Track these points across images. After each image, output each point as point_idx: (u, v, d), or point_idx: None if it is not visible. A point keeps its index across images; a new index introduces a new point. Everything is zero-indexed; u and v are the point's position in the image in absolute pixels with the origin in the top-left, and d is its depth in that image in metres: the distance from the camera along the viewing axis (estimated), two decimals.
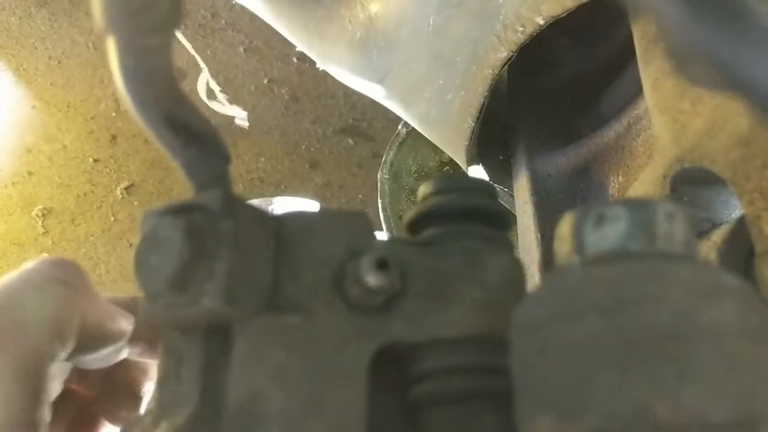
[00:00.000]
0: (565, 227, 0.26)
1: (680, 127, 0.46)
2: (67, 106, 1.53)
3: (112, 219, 1.46)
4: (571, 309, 0.23)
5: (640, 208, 0.25)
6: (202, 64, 1.28)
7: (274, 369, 0.27)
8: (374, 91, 0.75)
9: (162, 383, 0.29)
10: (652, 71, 0.51)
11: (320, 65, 0.78)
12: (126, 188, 1.50)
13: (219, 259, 0.28)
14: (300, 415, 0.26)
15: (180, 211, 0.29)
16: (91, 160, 1.51)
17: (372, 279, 0.28)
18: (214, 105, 1.24)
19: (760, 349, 0.22)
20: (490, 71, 0.64)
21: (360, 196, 1.62)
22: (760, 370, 0.21)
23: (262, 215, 0.30)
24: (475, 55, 0.64)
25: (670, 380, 0.20)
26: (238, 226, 0.28)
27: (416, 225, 0.33)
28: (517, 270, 0.31)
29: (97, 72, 1.54)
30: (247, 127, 1.45)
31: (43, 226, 1.46)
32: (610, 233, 0.25)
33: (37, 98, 1.54)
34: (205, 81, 1.23)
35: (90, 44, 1.57)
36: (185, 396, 0.28)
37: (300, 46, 0.76)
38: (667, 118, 0.48)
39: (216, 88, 1.24)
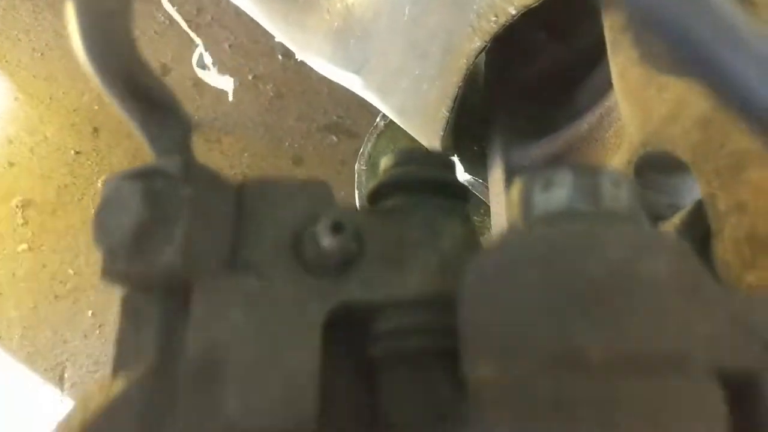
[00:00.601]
0: (514, 192, 0.27)
1: (645, 113, 0.47)
2: (50, 98, 1.52)
3: (93, 211, 1.45)
4: (515, 262, 0.24)
5: (586, 172, 0.26)
6: (197, 40, 1.28)
7: (231, 327, 0.27)
8: (352, 82, 0.76)
9: (120, 341, 0.29)
10: (620, 60, 0.52)
11: (300, 56, 0.78)
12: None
13: (178, 221, 0.28)
14: (256, 368, 0.27)
15: (139, 175, 0.29)
16: (72, 152, 1.50)
17: (327, 241, 0.28)
18: (204, 76, 1.25)
19: (691, 301, 0.23)
20: (465, 61, 0.65)
21: (343, 192, 1.62)
22: (690, 319, 0.22)
23: (222, 182, 0.31)
24: (449, 45, 0.65)
25: (604, 325, 0.21)
26: (198, 191, 0.29)
27: (376, 196, 0.33)
28: (472, 238, 0.31)
29: (81, 65, 1.54)
30: (231, 100, 1.45)
31: (23, 217, 1.45)
32: (557, 196, 0.25)
33: (19, 90, 1.54)
34: (199, 53, 1.23)
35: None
36: (143, 352, 0.28)
37: (280, 37, 0.77)
38: (634, 105, 0.49)
39: (209, 60, 1.24)
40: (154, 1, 1.72)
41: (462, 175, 0.80)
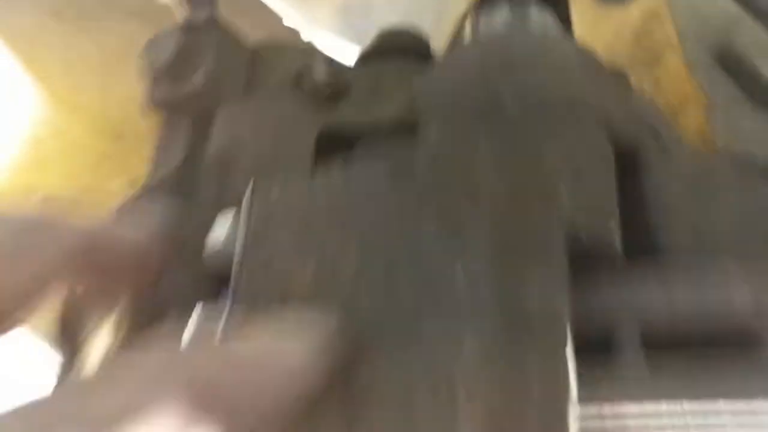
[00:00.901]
0: (468, 20, 0.35)
1: (598, 40, 0.55)
2: (77, 105, 1.63)
3: (105, 212, 1.54)
4: (460, 53, 0.32)
5: (518, 2, 0.34)
6: None
7: (243, 132, 0.35)
8: (353, 55, 0.85)
9: (157, 153, 0.37)
10: (579, 8, 0.61)
11: (304, 33, 0.88)
12: (128, 182, 1.58)
13: (205, 56, 0.36)
14: (262, 162, 0.34)
15: (175, 27, 0.38)
16: (96, 155, 1.60)
17: (322, 74, 0.36)
18: None
19: (592, 79, 0.30)
20: (452, 28, 0.74)
21: None
22: (590, 87, 0.29)
23: (240, 38, 0.39)
24: (440, 13, 0.74)
25: (520, 85, 0.29)
26: (221, 37, 0.37)
27: (360, 61, 0.41)
28: None
29: (107, 77, 1.65)
30: None
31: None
32: (496, 19, 0.34)
33: (50, 95, 1.64)
34: None
35: (101, 52, 1.69)
36: (173, 158, 0.36)
37: (284, 11, 0.86)
38: (589, 38, 0.58)
39: None
40: None
41: None
